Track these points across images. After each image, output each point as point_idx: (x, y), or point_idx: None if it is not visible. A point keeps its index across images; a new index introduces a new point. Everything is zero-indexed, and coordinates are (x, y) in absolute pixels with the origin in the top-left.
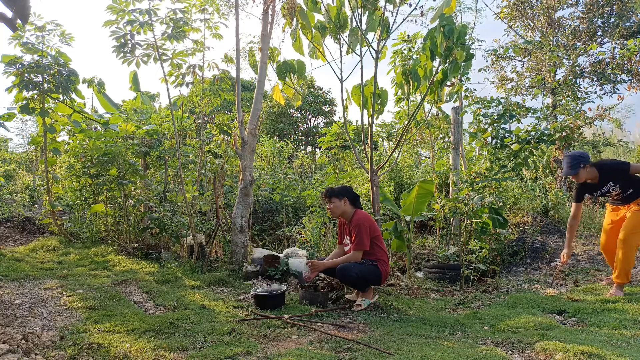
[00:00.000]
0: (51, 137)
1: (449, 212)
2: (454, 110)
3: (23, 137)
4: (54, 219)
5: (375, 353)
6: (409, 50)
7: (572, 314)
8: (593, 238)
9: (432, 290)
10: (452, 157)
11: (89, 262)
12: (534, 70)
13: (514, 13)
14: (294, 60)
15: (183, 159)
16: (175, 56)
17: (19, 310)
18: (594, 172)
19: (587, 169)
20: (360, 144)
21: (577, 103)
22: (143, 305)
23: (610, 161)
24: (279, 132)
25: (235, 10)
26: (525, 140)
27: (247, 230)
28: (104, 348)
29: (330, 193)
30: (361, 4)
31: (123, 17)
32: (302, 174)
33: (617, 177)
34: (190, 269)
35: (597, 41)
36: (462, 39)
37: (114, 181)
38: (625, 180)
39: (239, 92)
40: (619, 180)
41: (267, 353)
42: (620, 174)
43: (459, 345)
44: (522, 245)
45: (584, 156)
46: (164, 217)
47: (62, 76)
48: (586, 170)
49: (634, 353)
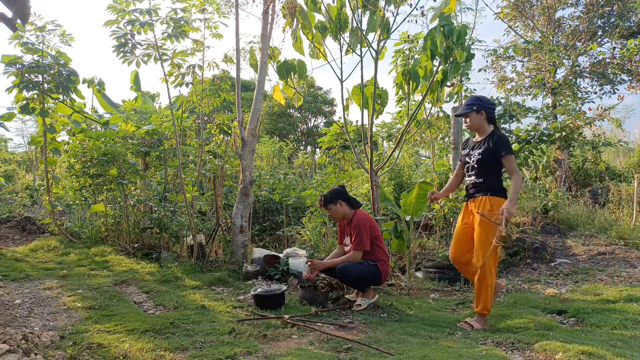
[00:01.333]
0: (51, 137)
1: (449, 212)
2: (454, 110)
3: (23, 137)
4: (54, 219)
5: (375, 353)
6: (410, 50)
7: (572, 314)
8: (593, 238)
9: (432, 290)
10: (452, 157)
11: (89, 262)
12: (534, 70)
13: (514, 13)
14: (295, 60)
15: (183, 159)
16: (175, 56)
17: (19, 310)
18: (484, 127)
19: (480, 117)
20: (360, 144)
21: (577, 103)
22: (143, 305)
23: (503, 134)
24: (279, 132)
25: (235, 10)
26: (525, 140)
27: (247, 230)
28: (104, 348)
29: (325, 201)
30: (362, 4)
31: (123, 17)
32: (302, 174)
33: (488, 148)
34: (190, 269)
35: (597, 41)
36: (462, 39)
37: (114, 181)
38: (492, 158)
39: (239, 92)
40: (488, 152)
41: (267, 353)
42: (495, 151)
43: (459, 345)
44: (522, 245)
45: (485, 101)
46: (164, 217)
47: (62, 76)
48: (479, 118)
49: (634, 353)
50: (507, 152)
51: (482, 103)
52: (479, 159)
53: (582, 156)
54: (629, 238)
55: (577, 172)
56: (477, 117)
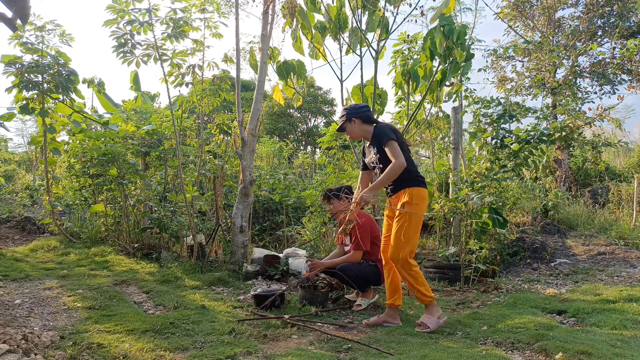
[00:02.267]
0: (51, 137)
1: (448, 212)
2: (453, 110)
3: (23, 137)
4: (54, 219)
5: (375, 353)
6: (410, 50)
7: (572, 314)
8: (593, 238)
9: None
10: (452, 157)
11: (89, 262)
12: (534, 70)
13: (514, 13)
14: (294, 60)
15: (183, 159)
16: (175, 56)
17: (19, 310)
18: (366, 131)
19: (355, 124)
20: (360, 144)
21: (577, 103)
22: (143, 305)
23: (381, 125)
24: (279, 132)
25: (235, 10)
26: (525, 140)
27: (247, 230)
28: (104, 348)
29: (329, 194)
30: (361, 4)
31: (123, 17)
32: (302, 174)
33: (378, 146)
34: (190, 269)
35: (597, 41)
36: (461, 39)
37: (114, 181)
38: (386, 152)
39: (239, 92)
40: (380, 149)
41: (267, 353)
42: (381, 143)
43: (459, 345)
44: (522, 245)
45: (352, 108)
46: (164, 217)
47: (62, 76)
48: (355, 125)
49: (633, 353)
50: (387, 138)
51: (350, 111)
52: (378, 158)
53: (582, 156)
54: (629, 238)
55: (577, 172)
56: (353, 126)
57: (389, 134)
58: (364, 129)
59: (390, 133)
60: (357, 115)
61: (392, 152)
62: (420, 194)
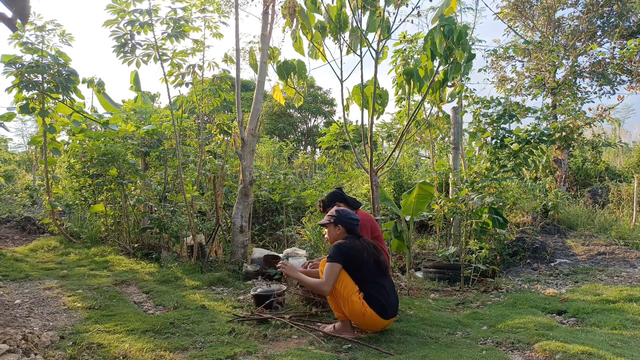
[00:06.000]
0: (51, 137)
1: (448, 212)
2: (453, 110)
3: (23, 137)
4: (54, 219)
5: (375, 353)
6: (410, 50)
7: (572, 314)
8: (593, 238)
9: (432, 290)
10: (452, 157)
11: (88, 262)
12: (534, 70)
13: (514, 13)
14: (295, 60)
15: (183, 159)
16: (175, 56)
17: (19, 310)
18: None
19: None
20: (360, 144)
21: (576, 103)
22: (143, 305)
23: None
24: (279, 132)
25: (235, 10)
26: (525, 140)
27: (247, 230)
28: (104, 348)
29: (325, 205)
30: (361, 5)
31: (123, 17)
32: (302, 174)
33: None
34: (190, 269)
35: (597, 41)
36: (462, 39)
37: (114, 181)
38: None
39: (238, 92)
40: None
41: (267, 353)
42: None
43: (459, 345)
44: (522, 245)
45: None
46: (164, 217)
47: (62, 76)
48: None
49: (633, 353)
50: (332, 259)
51: (341, 217)
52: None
53: (582, 156)
54: (629, 238)
55: (577, 172)
56: (336, 231)
57: (338, 257)
58: (341, 237)
59: (341, 256)
60: (344, 225)
61: (325, 273)
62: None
